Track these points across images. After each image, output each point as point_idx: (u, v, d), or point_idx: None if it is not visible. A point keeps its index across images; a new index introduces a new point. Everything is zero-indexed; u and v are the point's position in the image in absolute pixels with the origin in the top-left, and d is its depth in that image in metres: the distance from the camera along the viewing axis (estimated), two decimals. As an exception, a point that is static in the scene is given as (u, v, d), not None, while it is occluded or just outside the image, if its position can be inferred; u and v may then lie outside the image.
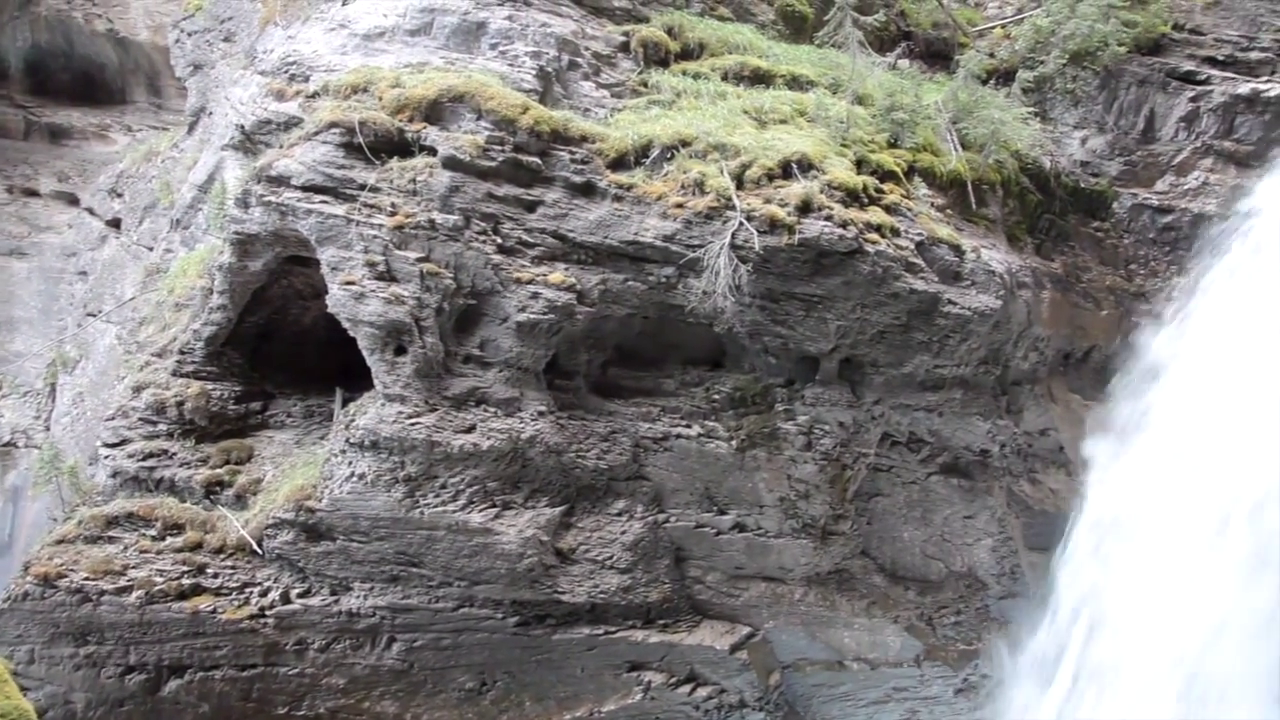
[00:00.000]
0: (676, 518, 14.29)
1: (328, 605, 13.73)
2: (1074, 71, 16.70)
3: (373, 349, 13.15)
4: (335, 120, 13.26)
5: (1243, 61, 16.56)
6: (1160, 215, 16.70)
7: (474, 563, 13.64)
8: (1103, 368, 16.60)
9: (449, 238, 13.09)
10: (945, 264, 13.55)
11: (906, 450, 14.92)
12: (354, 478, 13.43)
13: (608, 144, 13.47)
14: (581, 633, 14.13)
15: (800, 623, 14.77)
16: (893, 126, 14.61)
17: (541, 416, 13.48)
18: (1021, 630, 15.40)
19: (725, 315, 13.17)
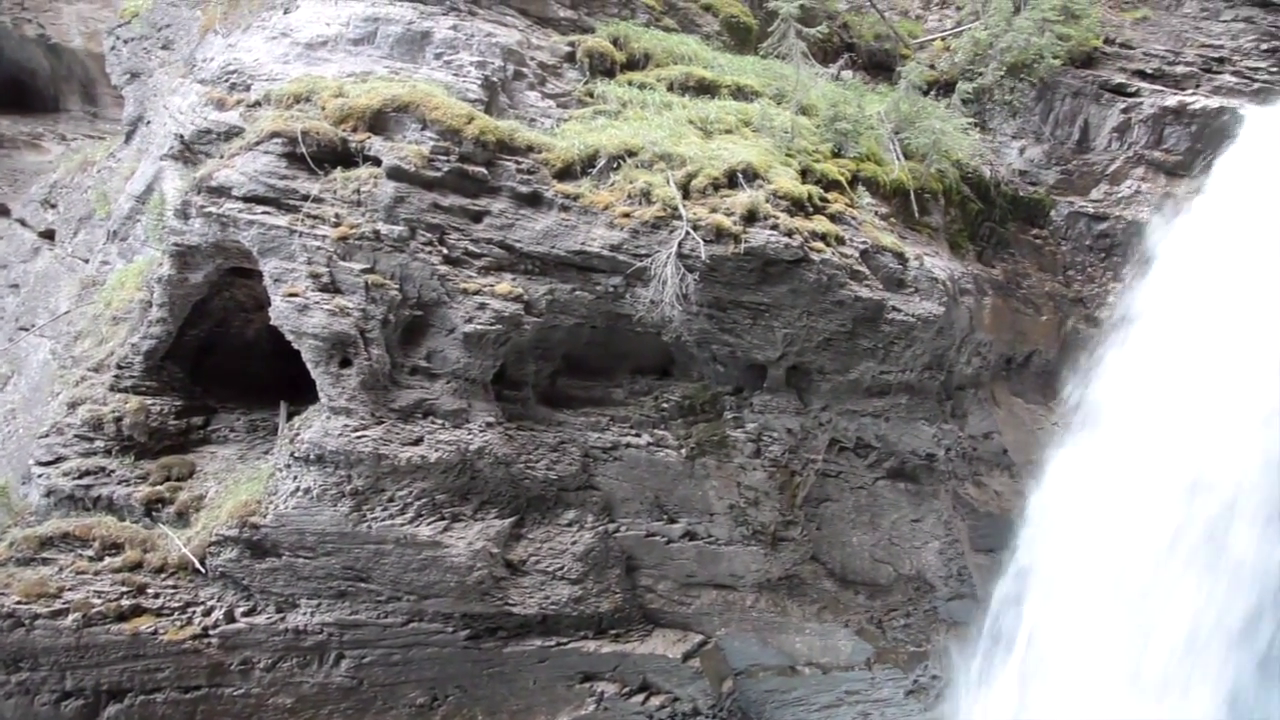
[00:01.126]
0: (627, 527, 14.28)
1: (273, 623, 13.47)
2: (1011, 83, 17.09)
3: (317, 361, 12.98)
4: (277, 130, 13.08)
5: (1170, 75, 17.07)
6: (1096, 222, 17.11)
7: (423, 576, 13.49)
8: (1043, 371, 16.97)
9: (394, 249, 12.98)
10: (889, 271, 13.75)
11: (854, 456, 15.09)
12: (299, 492, 13.23)
13: (554, 154, 13.45)
14: (533, 644, 14.05)
15: (752, 629, 14.84)
16: (836, 136, 14.80)
17: (490, 427, 13.40)
18: (969, 630, 15.69)
19: (673, 324, 13.22)
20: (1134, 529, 14.51)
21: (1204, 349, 14.41)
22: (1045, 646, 15.13)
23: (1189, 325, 15.07)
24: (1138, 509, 14.44)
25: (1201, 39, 17.46)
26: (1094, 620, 14.71)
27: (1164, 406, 14.72)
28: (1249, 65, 17.06)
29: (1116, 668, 14.28)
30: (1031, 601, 15.29)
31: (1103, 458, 15.30)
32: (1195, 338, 14.79)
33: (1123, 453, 15.07)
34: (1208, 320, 14.47)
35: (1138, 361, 15.60)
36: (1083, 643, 14.76)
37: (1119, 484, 14.81)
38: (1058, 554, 15.16)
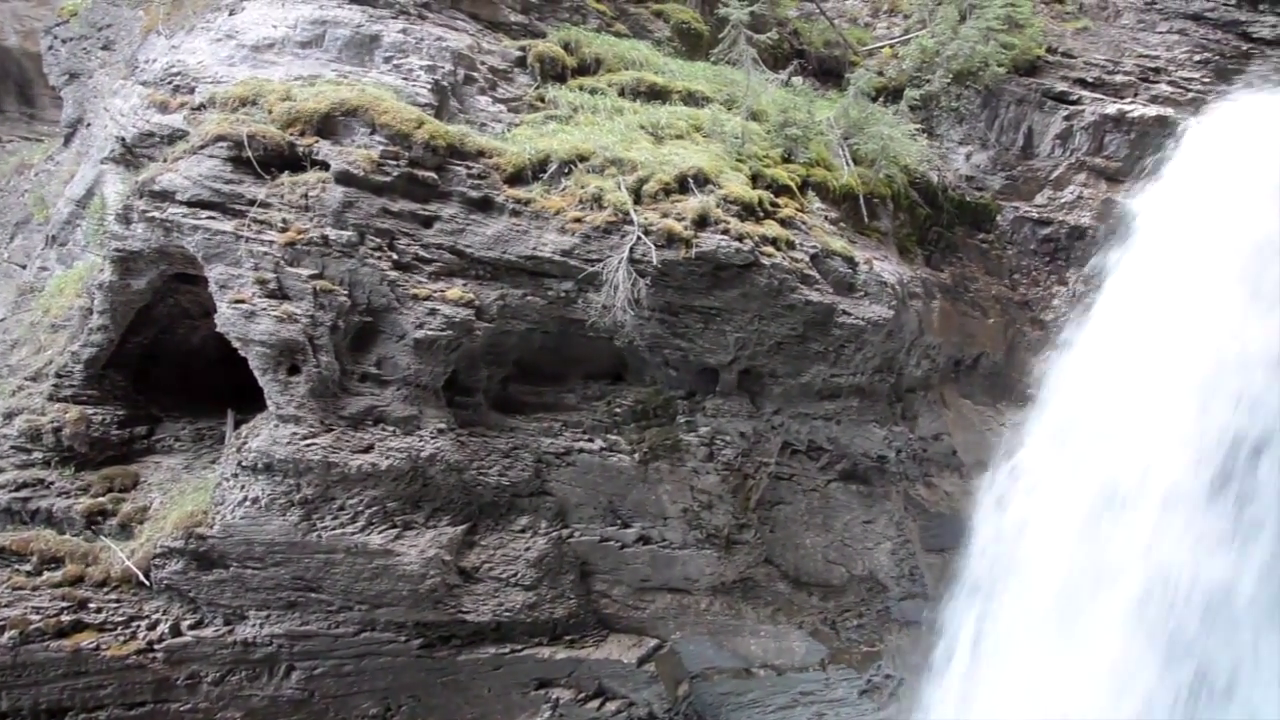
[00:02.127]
0: (581, 532, 14.24)
1: (221, 636, 13.24)
2: (958, 90, 17.40)
3: (265, 369, 12.78)
4: (223, 133, 12.87)
5: (1109, 84, 17.50)
6: (1040, 227, 17.46)
7: (375, 585, 13.34)
8: (991, 373, 17.26)
9: (343, 254, 12.83)
10: (839, 276, 13.89)
11: (806, 458, 15.19)
12: (247, 502, 13.02)
13: (505, 159, 13.40)
14: (487, 652, 13.95)
15: (707, 632, 14.88)
16: (787, 142, 14.92)
17: (441, 434, 13.29)
18: (921, 629, 15.90)
19: (625, 329, 13.22)
20: (1078, 529, 14.89)
21: (1145, 354, 14.85)
22: (995, 644, 15.43)
23: (1134, 328, 15.53)
24: (1084, 508, 14.81)
25: (1139, 49, 17.95)
26: (1043, 619, 15.02)
27: (1107, 408, 15.13)
28: (1183, 76, 17.56)
29: (1065, 665, 14.58)
30: (982, 600, 15.58)
31: (1051, 459, 15.65)
32: (1138, 342, 15.24)
33: (1070, 454, 15.45)
34: (1150, 324, 14.91)
35: (1084, 364, 16.03)
36: (1032, 641, 15.07)
37: (1068, 484, 15.18)
38: (1008, 553, 15.47)
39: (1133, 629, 13.89)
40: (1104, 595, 14.10)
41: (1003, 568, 15.22)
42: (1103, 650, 13.97)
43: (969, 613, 15.39)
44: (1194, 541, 13.57)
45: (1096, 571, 14.22)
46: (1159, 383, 14.23)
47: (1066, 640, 14.38)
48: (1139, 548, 13.88)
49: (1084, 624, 14.24)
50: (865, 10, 20.48)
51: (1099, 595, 14.16)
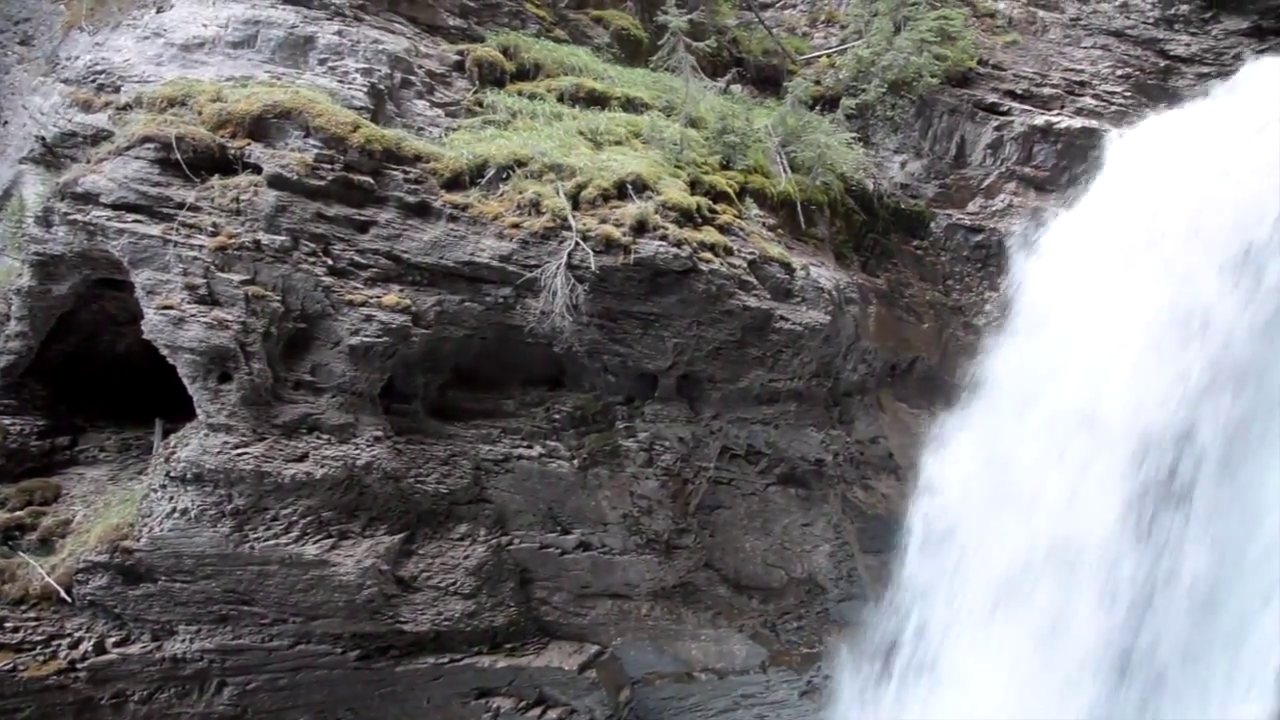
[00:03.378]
0: (520, 539, 14.17)
1: (149, 652, 12.89)
2: (893, 100, 17.76)
3: (194, 377, 12.49)
4: (150, 134, 12.56)
5: (1038, 96, 18.02)
6: (972, 234, 17.87)
7: (310, 597, 13.10)
8: (926, 377, 17.60)
9: (276, 259, 12.59)
10: (777, 281, 14.05)
11: (745, 463, 15.31)
12: (176, 514, 12.72)
13: (442, 163, 13.28)
14: (426, 662, 13.78)
15: (648, 637, 14.91)
16: (725, 149, 15.06)
17: (378, 442, 13.12)
18: (860, 630, 16.11)
19: (564, 335, 13.19)
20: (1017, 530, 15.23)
21: (1074, 351, 15.29)
22: (934, 644, 15.70)
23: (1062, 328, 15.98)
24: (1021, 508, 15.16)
25: (1065, 63, 18.51)
26: (982, 619, 15.33)
27: (1041, 405, 15.53)
28: (1107, 89, 18.17)
29: (1004, 665, 14.89)
30: (920, 601, 15.85)
31: (987, 460, 15.99)
32: (1067, 340, 15.69)
33: (1005, 454, 15.80)
34: (1079, 323, 15.37)
35: (1015, 364, 16.45)
36: (972, 640, 15.37)
37: (1003, 486, 15.52)
38: (946, 553, 15.76)
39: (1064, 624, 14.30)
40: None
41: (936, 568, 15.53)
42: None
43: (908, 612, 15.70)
44: (1120, 537, 13.99)
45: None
46: (1078, 382, 14.71)
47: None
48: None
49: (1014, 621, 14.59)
50: (803, 20, 20.76)
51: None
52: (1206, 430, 13.51)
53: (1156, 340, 14.16)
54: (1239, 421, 13.48)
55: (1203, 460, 13.52)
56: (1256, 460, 13.51)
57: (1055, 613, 14.11)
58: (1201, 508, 13.55)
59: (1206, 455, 13.48)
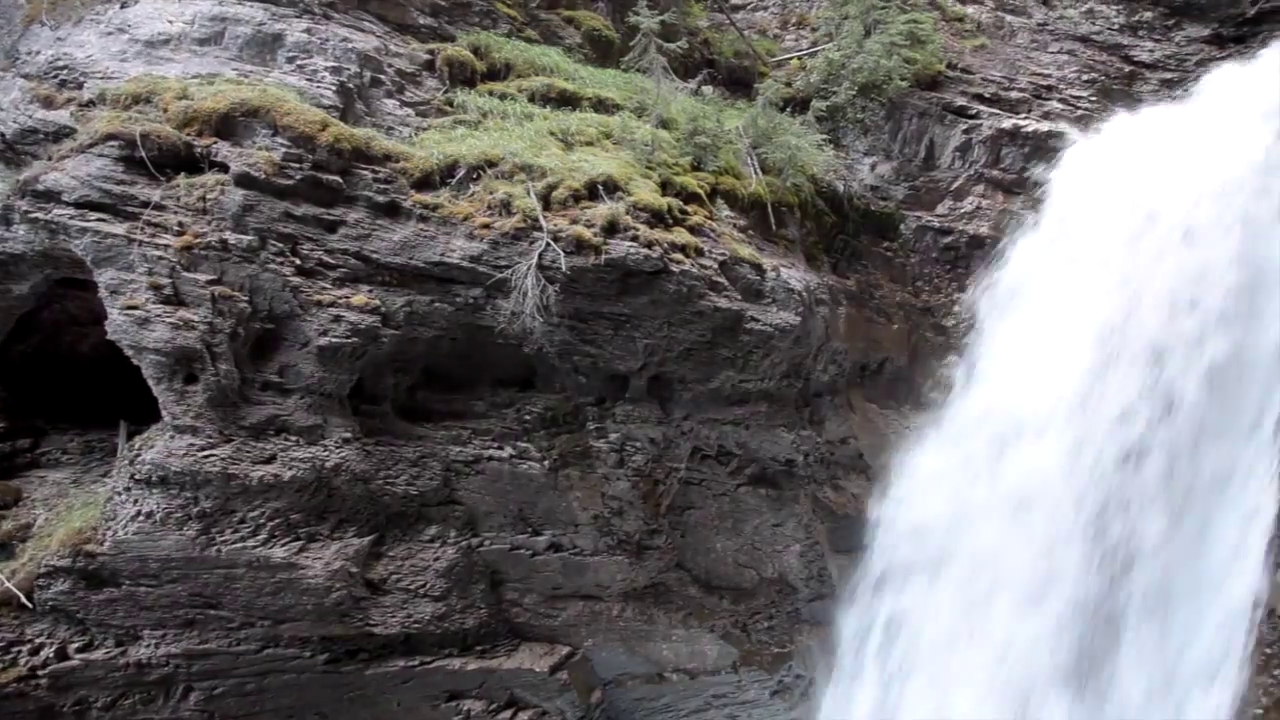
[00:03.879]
0: (491, 541, 14.11)
1: (113, 658, 12.71)
2: (863, 102, 17.89)
3: (159, 378, 12.34)
4: (114, 132, 12.39)
5: (1005, 100, 18.25)
6: (941, 236, 18.05)
7: (278, 600, 12.98)
8: (896, 378, 17.74)
9: (243, 259, 12.48)
10: (748, 282, 14.10)
11: (716, 463, 15.33)
12: (141, 517, 12.55)
13: (412, 163, 13.21)
14: (396, 665, 13.69)
15: (619, 639, 14.89)
16: (696, 150, 15.09)
17: (347, 443, 13.02)
18: (830, 629, 16.20)
19: (534, 335, 13.16)
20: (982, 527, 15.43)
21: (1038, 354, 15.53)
22: (905, 642, 15.85)
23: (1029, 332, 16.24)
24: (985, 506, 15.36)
25: (1032, 68, 18.75)
26: (951, 618, 15.50)
27: (1005, 409, 15.74)
28: (1073, 94, 18.44)
29: (973, 664, 15.08)
30: (890, 599, 15.99)
31: (955, 458, 16.17)
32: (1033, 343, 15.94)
33: (971, 453, 16.00)
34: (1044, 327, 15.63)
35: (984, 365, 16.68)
36: (940, 638, 15.54)
37: (970, 482, 15.71)
38: (915, 554, 15.91)
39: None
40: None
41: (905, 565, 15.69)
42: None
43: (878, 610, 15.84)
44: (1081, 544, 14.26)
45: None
46: (1043, 384, 14.95)
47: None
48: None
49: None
50: (774, 23, 20.87)
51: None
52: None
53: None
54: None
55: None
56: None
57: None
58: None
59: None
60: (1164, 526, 14.00)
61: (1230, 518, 13.99)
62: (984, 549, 14.79)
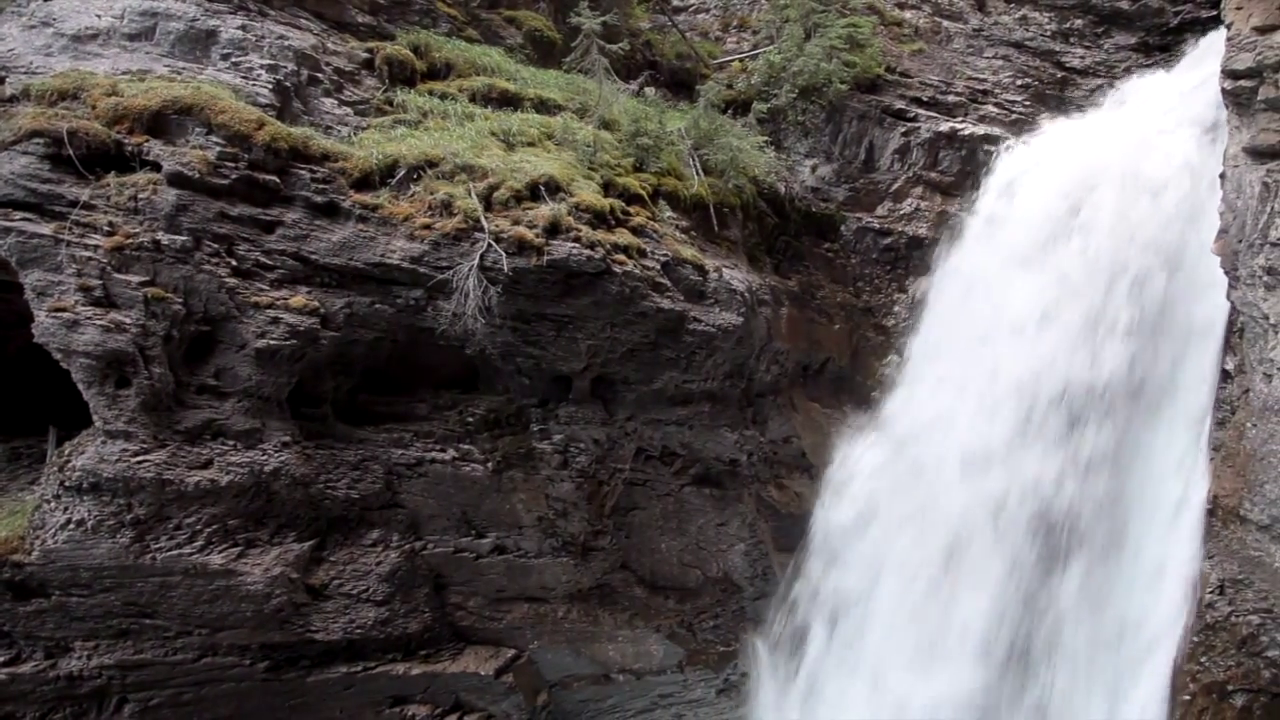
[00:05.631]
0: (434, 544, 14.01)
1: (42, 671, 12.42)
2: (804, 105, 18.11)
3: (90, 382, 12.04)
4: (39, 128, 12.06)
5: (943, 103, 18.62)
6: (881, 237, 18.34)
7: (216, 608, 12.77)
8: (837, 377, 17.99)
9: (177, 260, 12.24)
10: (690, 283, 14.20)
11: (660, 464, 15.39)
12: (71, 525, 12.24)
13: (351, 163, 13.08)
14: (339, 671, 13.55)
15: (565, 640, 14.89)
16: (638, 151, 15.16)
17: (286, 447, 12.83)
18: (775, 627, 16.38)
19: (476, 337, 13.10)
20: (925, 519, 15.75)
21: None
22: (847, 637, 16.10)
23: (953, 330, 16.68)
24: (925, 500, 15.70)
25: (969, 72, 19.18)
26: (892, 610, 15.78)
27: (946, 405, 16.10)
28: (1008, 98, 18.89)
29: (914, 654, 15.37)
30: (832, 594, 16.23)
31: (893, 456, 16.48)
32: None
33: (911, 451, 16.33)
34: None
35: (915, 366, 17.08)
36: (882, 632, 15.82)
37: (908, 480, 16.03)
38: (856, 549, 16.17)
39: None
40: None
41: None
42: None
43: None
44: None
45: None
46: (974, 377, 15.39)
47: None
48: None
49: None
50: (716, 25, 21.03)
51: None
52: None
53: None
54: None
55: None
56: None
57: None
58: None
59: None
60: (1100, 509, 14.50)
61: (1164, 502, 14.49)
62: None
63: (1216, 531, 13.39)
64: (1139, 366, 14.33)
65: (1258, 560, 12.91)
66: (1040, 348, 14.87)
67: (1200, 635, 13.23)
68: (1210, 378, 13.70)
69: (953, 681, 14.85)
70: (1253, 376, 13.30)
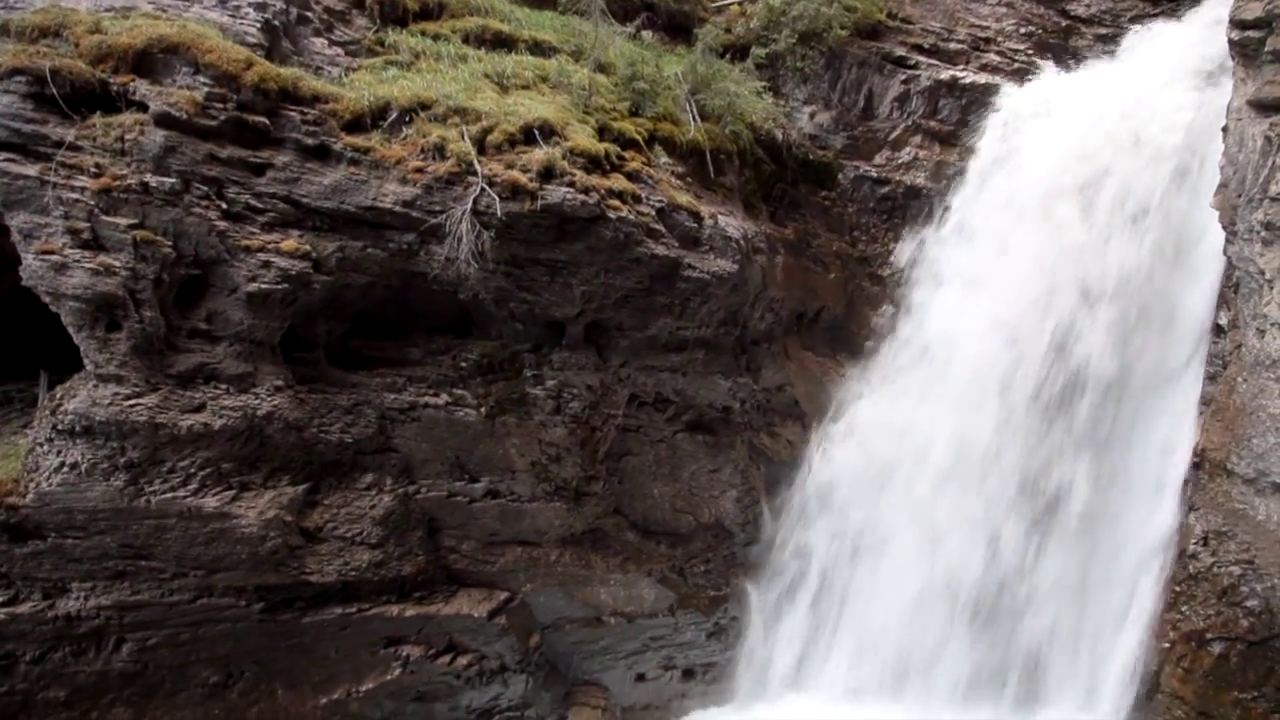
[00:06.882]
0: (428, 488, 14.07)
1: (40, 611, 12.51)
2: (803, 50, 17.82)
3: (80, 325, 11.98)
4: (21, 66, 11.80)
5: (944, 50, 18.32)
6: (878, 186, 18.20)
7: (211, 550, 12.85)
8: (832, 326, 17.98)
9: (166, 202, 12.09)
10: (685, 230, 14.10)
11: (653, 410, 15.44)
12: (65, 468, 12.26)
13: (342, 105, 12.87)
14: (333, 613, 13.68)
15: (558, 584, 15.04)
16: (634, 95, 14.96)
17: (279, 391, 12.82)
18: (765, 572, 16.61)
19: (470, 282, 13.03)
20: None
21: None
22: (836, 584, 16.35)
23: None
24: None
25: (971, 19, 18.82)
26: (882, 558, 16.03)
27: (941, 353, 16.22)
28: (1010, 46, 18.59)
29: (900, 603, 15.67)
30: (821, 542, 16.45)
31: (888, 406, 16.59)
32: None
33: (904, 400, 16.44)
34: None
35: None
36: (872, 579, 16.08)
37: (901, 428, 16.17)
38: (848, 498, 16.35)
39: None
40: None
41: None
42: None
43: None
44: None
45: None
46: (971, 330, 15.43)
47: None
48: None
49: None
50: (714, -33, 20.58)
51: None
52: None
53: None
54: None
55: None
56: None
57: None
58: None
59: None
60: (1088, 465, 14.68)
61: (1149, 455, 14.65)
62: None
63: (1203, 484, 13.58)
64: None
65: (1241, 513, 13.10)
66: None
67: (1182, 585, 13.48)
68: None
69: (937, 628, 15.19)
70: (1246, 332, 13.36)
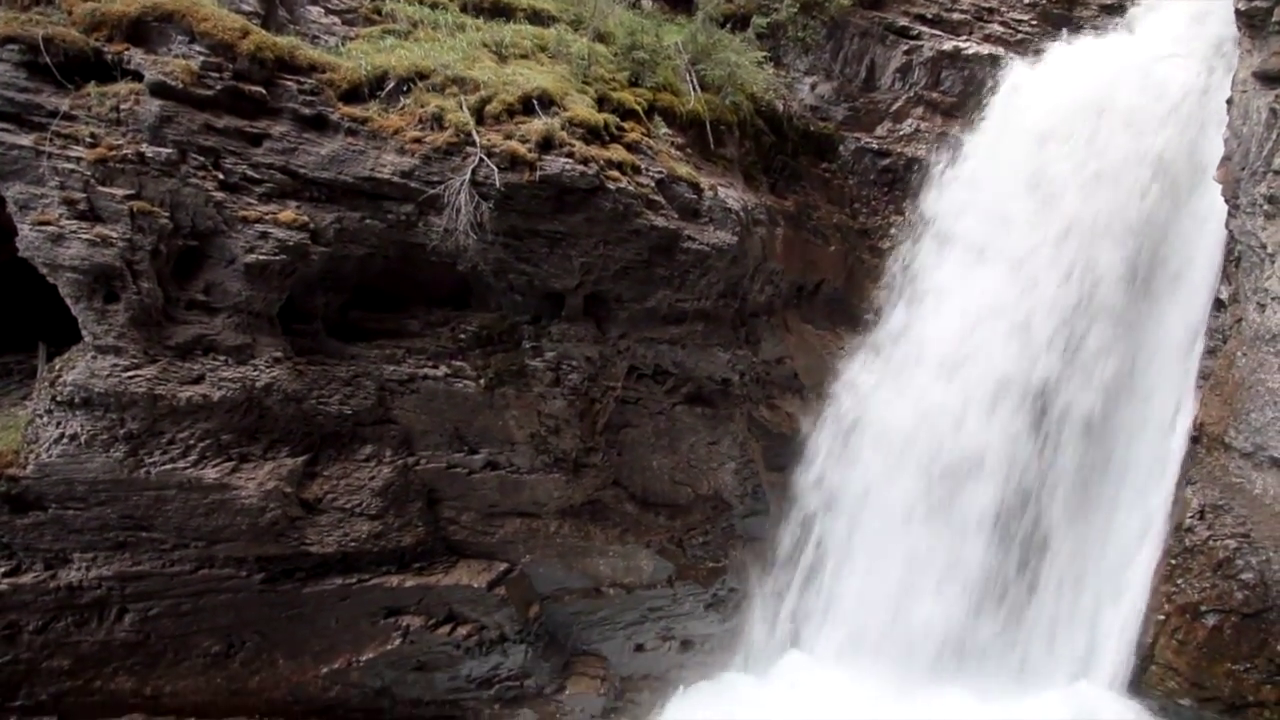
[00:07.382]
0: (427, 460, 14.10)
1: (42, 582, 12.63)
2: (804, 20, 17.64)
3: (78, 297, 11.96)
4: (13, 34, 11.69)
5: (947, 21, 18.11)
6: (880, 158, 18.07)
7: (211, 521, 12.91)
8: (832, 299, 17.94)
9: (162, 173, 12.02)
10: (685, 201, 14.01)
11: (652, 382, 15.42)
12: (65, 439, 12.30)
13: (340, 74, 12.76)
14: (334, 583, 13.77)
15: (557, 555, 15.11)
16: (634, 65, 14.81)
17: (278, 363, 12.81)
18: (764, 544, 16.69)
19: (468, 253, 12.97)
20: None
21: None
22: (834, 555, 16.45)
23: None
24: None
25: (976, -12, 18.60)
26: (880, 530, 16.10)
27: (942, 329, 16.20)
28: (1014, 17, 18.34)
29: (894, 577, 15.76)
30: (822, 514, 16.53)
31: (890, 379, 16.59)
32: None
33: (907, 373, 16.45)
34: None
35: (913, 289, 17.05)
36: (870, 552, 16.16)
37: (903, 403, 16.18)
38: (846, 471, 16.40)
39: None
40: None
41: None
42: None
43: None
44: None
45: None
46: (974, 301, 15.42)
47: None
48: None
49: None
50: (716, -66, 20.31)
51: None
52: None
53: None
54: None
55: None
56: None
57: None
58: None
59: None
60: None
61: (1149, 429, 14.68)
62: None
63: (1200, 458, 13.61)
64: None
65: (1238, 487, 13.14)
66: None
67: (1178, 558, 13.55)
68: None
69: (939, 604, 15.28)
70: (1246, 306, 13.33)
